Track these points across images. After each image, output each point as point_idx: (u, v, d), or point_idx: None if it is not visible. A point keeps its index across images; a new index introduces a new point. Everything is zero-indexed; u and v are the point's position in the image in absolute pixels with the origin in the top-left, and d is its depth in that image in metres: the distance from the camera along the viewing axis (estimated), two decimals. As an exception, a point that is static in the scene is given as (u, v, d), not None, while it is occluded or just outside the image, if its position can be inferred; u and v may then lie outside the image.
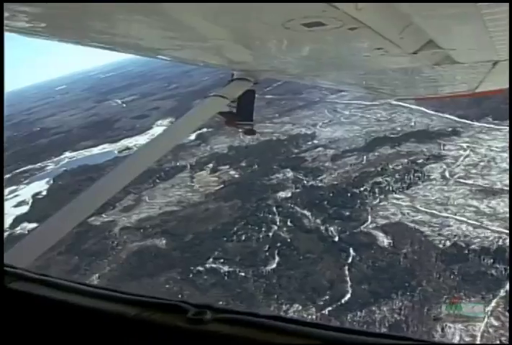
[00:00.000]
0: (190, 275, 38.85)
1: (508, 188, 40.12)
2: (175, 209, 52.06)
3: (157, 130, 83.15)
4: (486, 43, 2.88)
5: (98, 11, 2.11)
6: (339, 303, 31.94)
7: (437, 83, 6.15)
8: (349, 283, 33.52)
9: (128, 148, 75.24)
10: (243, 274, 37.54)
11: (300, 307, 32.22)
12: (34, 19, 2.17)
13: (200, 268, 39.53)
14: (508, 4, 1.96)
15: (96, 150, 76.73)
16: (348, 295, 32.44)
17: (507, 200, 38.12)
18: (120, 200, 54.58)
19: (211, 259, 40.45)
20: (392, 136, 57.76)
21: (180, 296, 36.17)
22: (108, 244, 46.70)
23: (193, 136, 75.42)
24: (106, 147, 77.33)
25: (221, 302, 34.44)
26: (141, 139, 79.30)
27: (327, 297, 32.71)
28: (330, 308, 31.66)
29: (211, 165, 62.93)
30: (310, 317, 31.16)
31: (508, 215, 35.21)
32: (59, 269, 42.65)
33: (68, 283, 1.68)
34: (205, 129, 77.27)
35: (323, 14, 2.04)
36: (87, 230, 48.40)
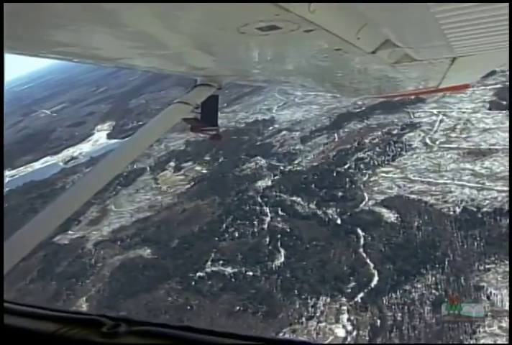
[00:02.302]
0: (193, 283, 35.50)
1: (491, 147, 40.09)
2: (148, 215, 48.06)
3: (99, 135, 78.04)
4: (441, 40, 2.87)
5: (53, 21, 2.01)
6: (369, 288, 29.99)
7: (400, 81, 6.08)
8: (372, 265, 31.67)
9: (73, 158, 69.54)
10: (251, 273, 34.71)
11: (329, 299, 29.96)
12: None
13: (200, 274, 36.26)
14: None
15: (37, 165, 70.12)
16: (375, 278, 30.58)
17: (499, 159, 37.84)
18: (84, 213, 49.76)
19: (209, 263, 37.28)
20: (356, 110, 56.64)
21: (188, 308, 33.14)
22: (85, 262, 42.15)
23: (142, 137, 71.15)
24: (49, 160, 71.05)
25: (238, 308, 31.81)
26: (85, 147, 73.85)
27: (353, 283, 30.67)
28: (361, 295, 29.62)
29: (172, 164, 59.10)
30: (343, 308, 29.05)
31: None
32: (38, 299, 37.96)
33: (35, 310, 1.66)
34: (152, 128, 73.24)
35: (276, 18, 2.01)
36: (56, 251, 43.74)
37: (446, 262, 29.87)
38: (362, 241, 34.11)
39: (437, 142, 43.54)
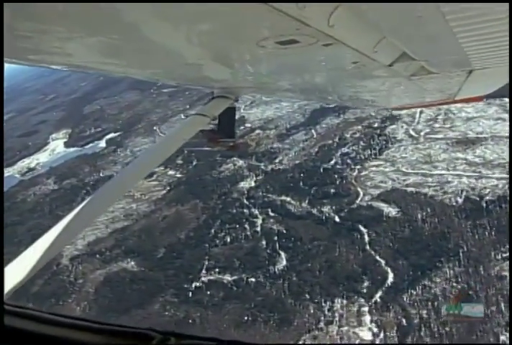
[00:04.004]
0: (190, 294, 32.99)
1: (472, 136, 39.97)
2: (125, 224, 44.81)
3: (56, 144, 73.31)
4: (458, 53, 2.91)
5: (60, 32, 1.97)
6: (386, 286, 28.61)
7: (416, 93, 6.15)
8: (383, 262, 30.31)
9: (31, 169, 64.66)
10: (253, 279, 32.58)
11: (345, 302, 28.33)
12: None
13: (197, 284, 33.77)
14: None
15: (-9, 177, 64.80)
16: (390, 275, 29.22)
17: (490, 147, 37.66)
18: (50, 227, 45.92)
19: (203, 271, 34.86)
20: (330, 105, 55.45)
21: (190, 321, 30.68)
22: (64, 279, 38.55)
23: (102, 143, 67.68)
24: (3, 172, 65.89)
25: (246, 318, 29.68)
26: (42, 157, 69.04)
27: (368, 282, 29.19)
28: (380, 294, 28.19)
29: (141, 170, 55.80)
30: (364, 309, 27.49)
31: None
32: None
33: (37, 313, 1.69)
34: (113, 134, 69.94)
35: (296, 32, 2.03)
36: (27, 270, 39.79)
37: (461, 254, 28.96)
38: (366, 237, 32.73)
39: (422, 133, 43.02)
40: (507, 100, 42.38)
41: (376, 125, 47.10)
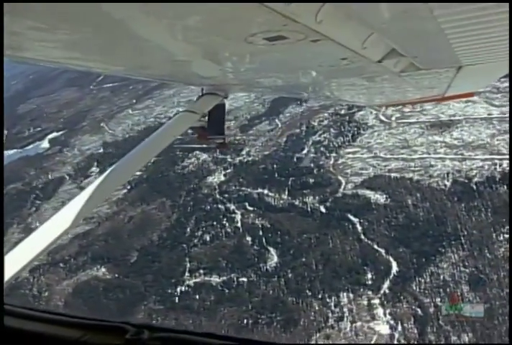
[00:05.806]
0: (176, 300, 30.36)
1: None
2: (87, 228, 40.85)
3: None
4: (446, 50, 2.88)
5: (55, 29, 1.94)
6: (392, 276, 27.35)
7: (406, 90, 6.10)
8: (383, 251, 29.08)
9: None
10: (244, 279, 30.41)
11: (352, 295, 26.82)
12: None
13: (182, 288, 31.15)
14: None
15: None
16: (393, 264, 28.03)
17: (466, 129, 37.49)
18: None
19: (187, 274, 32.26)
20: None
21: (183, 328, 27.88)
22: (26, 293, 34.55)
23: (45, 144, 62.61)
24: None
25: (246, 321, 27.53)
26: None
27: (372, 274, 27.86)
28: (387, 285, 26.91)
29: (94, 169, 51.69)
30: (374, 302, 26.11)
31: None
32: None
33: (10, 307, 1.73)
34: (55, 133, 64.97)
35: (284, 28, 2.01)
36: (-20, 286, 35.31)
37: (462, 237, 28.25)
38: (359, 227, 31.37)
39: (393, 118, 42.27)
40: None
41: (343, 112, 45.82)
